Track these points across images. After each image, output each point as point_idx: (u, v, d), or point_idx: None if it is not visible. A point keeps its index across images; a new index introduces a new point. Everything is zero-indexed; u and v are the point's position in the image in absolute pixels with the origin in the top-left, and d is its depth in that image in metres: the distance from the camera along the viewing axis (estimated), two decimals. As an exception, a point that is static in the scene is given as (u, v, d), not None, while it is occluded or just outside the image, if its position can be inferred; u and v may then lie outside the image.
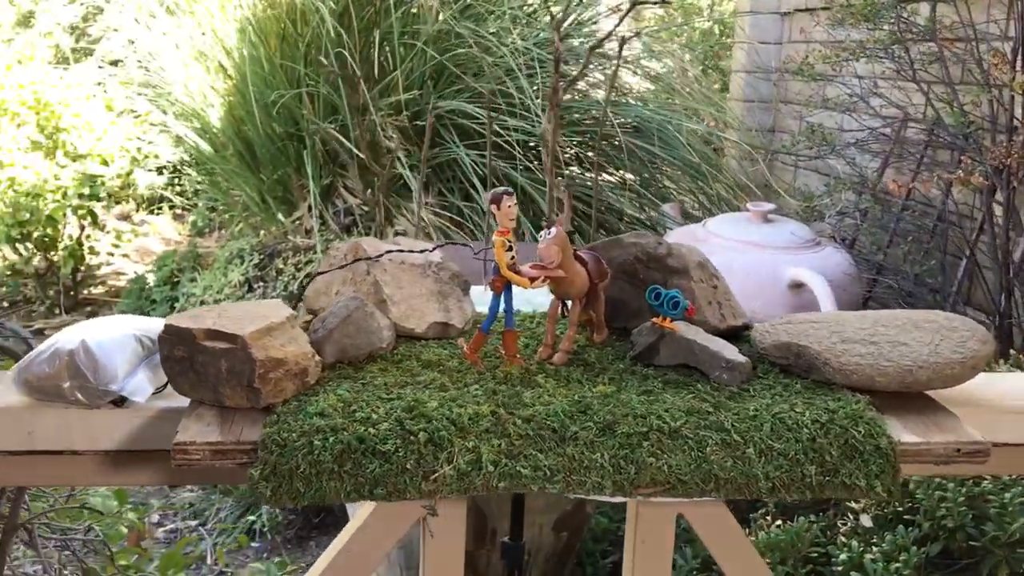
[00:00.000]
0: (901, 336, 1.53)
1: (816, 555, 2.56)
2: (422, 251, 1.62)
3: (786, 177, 5.38)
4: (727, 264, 3.85)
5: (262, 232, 4.81)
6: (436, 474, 1.25)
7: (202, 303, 4.59)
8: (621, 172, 4.90)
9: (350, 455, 1.25)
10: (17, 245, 4.57)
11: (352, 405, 1.33)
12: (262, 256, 4.66)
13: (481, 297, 1.61)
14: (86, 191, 4.65)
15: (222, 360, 1.31)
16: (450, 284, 1.66)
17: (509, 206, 1.44)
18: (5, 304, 4.82)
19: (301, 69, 4.45)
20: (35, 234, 4.59)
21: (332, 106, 4.57)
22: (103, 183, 4.70)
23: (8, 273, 4.82)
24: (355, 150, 3.98)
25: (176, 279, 4.79)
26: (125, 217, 6.01)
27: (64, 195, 4.61)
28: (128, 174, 4.93)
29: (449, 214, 4.61)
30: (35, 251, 4.68)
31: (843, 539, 2.48)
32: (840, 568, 2.42)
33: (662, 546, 1.50)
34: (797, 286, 3.72)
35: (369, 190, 4.64)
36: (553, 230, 1.46)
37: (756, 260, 3.84)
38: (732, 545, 1.51)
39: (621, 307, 1.69)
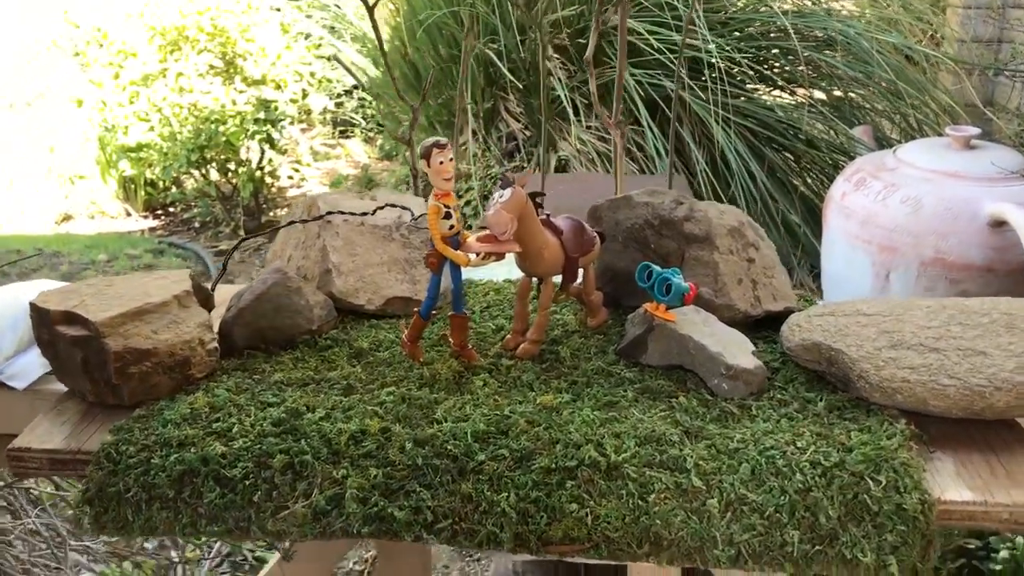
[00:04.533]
0: (981, 341, 1.08)
1: (973, 547, 2.12)
2: (363, 214, 1.30)
3: (1007, 97, 4.58)
4: (916, 198, 3.28)
5: (426, 158, 4.59)
6: (286, 512, 0.96)
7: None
8: (810, 90, 4.31)
9: (191, 479, 0.98)
10: (198, 169, 4.58)
11: (220, 411, 1.05)
12: (426, 183, 4.45)
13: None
14: (262, 115, 4.58)
15: (77, 349, 1.07)
16: (424, 249, 1.33)
17: (441, 162, 1.10)
18: (197, 224, 4.88)
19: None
20: (215, 158, 4.58)
21: (492, 27, 4.24)
22: (277, 108, 4.61)
23: (196, 196, 4.86)
24: (509, 73, 3.66)
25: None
26: (320, 137, 5.98)
27: (242, 120, 4.56)
28: (303, 97, 4.84)
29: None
30: (218, 175, 4.67)
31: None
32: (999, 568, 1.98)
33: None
34: (998, 224, 3.10)
35: (529, 114, 4.32)
36: (507, 191, 1.11)
37: (951, 193, 3.22)
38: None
39: (631, 282, 1.31)
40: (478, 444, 0.99)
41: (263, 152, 4.73)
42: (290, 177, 5.02)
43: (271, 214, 5.01)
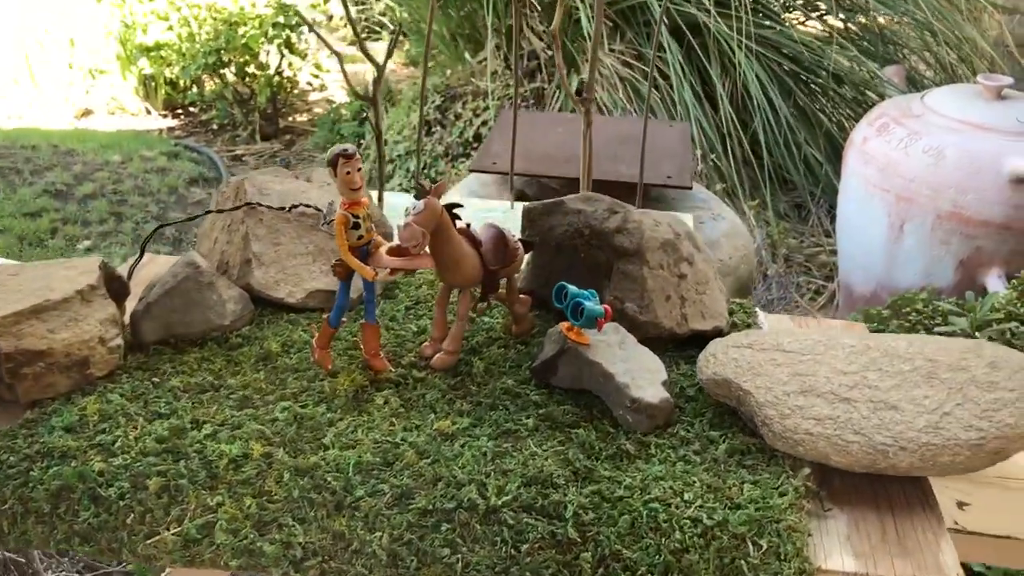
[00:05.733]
0: (896, 392, 1.03)
1: None
2: (291, 208, 1.26)
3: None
4: (939, 148, 3.16)
5: (448, 72, 4.49)
6: (156, 538, 0.95)
7: (384, 143, 4.40)
8: (843, 21, 4.13)
9: (68, 495, 0.97)
10: (216, 72, 4.53)
11: (108, 420, 1.04)
12: (444, 98, 4.36)
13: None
14: (281, 20, 4.49)
15: (-30, 348, 1.05)
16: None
17: (348, 172, 1.05)
18: (215, 126, 4.86)
19: None
20: (234, 61, 4.52)
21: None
22: (295, 12, 4.52)
23: (214, 98, 4.82)
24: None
25: (366, 115, 4.60)
26: (344, 40, 5.87)
27: (261, 23, 4.48)
28: (325, 1, 4.73)
29: (641, 65, 4.09)
30: (235, 78, 4.62)
31: None
32: None
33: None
34: (1020, 181, 2.98)
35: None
36: (420, 203, 1.07)
37: (975, 146, 3.10)
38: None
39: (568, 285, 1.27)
40: (359, 477, 0.97)
41: (282, 56, 4.65)
42: (309, 83, 4.95)
43: (289, 119, 4.97)
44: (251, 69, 4.57)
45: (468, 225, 1.15)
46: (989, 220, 3.08)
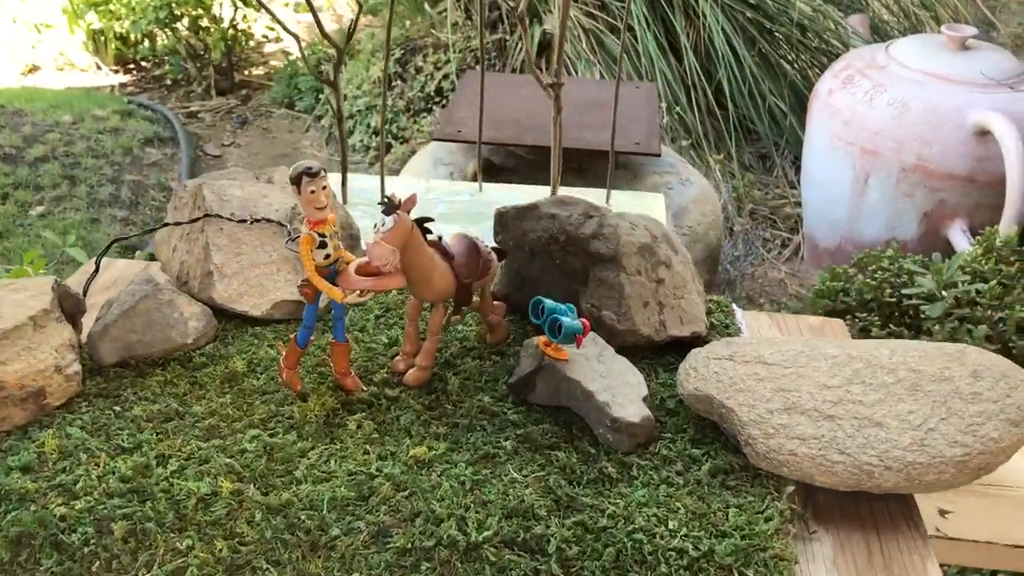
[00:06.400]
0: (880, 408, 1.01)
1: None
2: (241, 221, 1.20)
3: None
4: (903, 100, 3.13)
5: (407, 23, 4.37)
6: (124, 585, 0.91)
7: (344, 97, 4.29)
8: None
9: (28, 542, 0.93)
10: (168, 26, 4.37)
11: (68, 458, 0.99)
12: (404, 51, 4.25)
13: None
14: (234, -30, 4.34)
15: (-80, 383, 1.00)
16: (318, 245, 1.24)
17: (312, 191, 1.00)
18: (168, 81, 4.71)
19: None
20: (186, 14, 4.37)
21: None
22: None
23: (166, 52, 4.67)
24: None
25: (324, 68, 4.48)
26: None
27: (213, -26, 4.33)
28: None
29: (604, 16, 4.00)
30: (188, 32, 4.47)
31: None
32: None
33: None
34: (983, 133, 2.96)
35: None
36: (389, 220, 1.01)
37: (939, 97, 3.08)
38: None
39: (541, 289, 1.23)
40: (334, 514, 0.94)
41: (236, 8, 4.51)
42: (265, 36, 4.81)
43: (245, 72, 4.83)
44: (204, 22, 4.42)
45: (440, 238, 1.10)
46: (953, 173, 3.07)
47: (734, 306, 1.31)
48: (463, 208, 1.76)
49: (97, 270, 1.25)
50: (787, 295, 3.36)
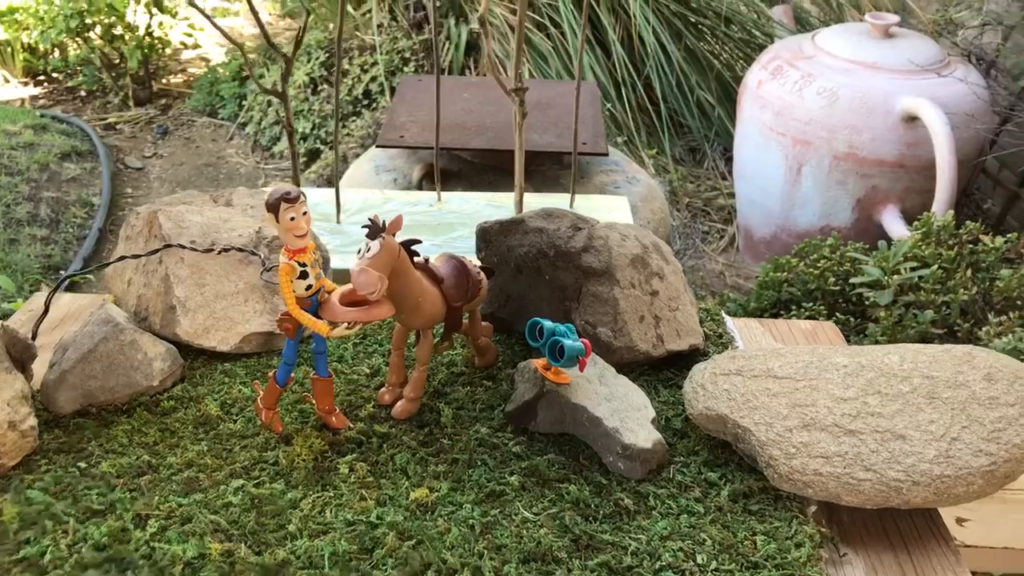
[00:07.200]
0: (901, 419, 0.95)
1: None
2: (222, 251, 1.10)
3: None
4: (833, 89, 3.12)
5: (330, 25, 4.24)
6: (108, 668, 0.81)
7: (268, 104, 4.14)
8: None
9: (-5, 626, 0.82)
10: (80, 36, 4.16)
11: (31, 527, 0.88)
12: (329, 54, 4.12)
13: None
14: (148, -24, 4.15)
15: None
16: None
17: (292, 217, 0.90)
18: (83, 93, 4.49)
19: None
20: (99, 23, 4.16)
21: None
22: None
23: (79, 63, 4.45)
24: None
25: (246, 74, 4.32)
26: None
27: (125, -19, 4.13)
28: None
29: (532, 14, 3.92)
30: (102, 42, 4.26)
31: None
32: None
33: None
34: (911, 119, 2.98)
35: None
36: (375, 244, 0.92)
37: (867, 85, 3.08)
38: None
39: (528, 307, 1.16)
40: (337, 571, 0.84)
41: (151, 15, 4.32)
42: (183, 43, 4.62)
43: (163, 81, 4.64)
44: (118, 31, 4.22)
45: (426, 260, 1.01)
46: (883, 159, 3.08)
47: (724, 314, 1.24)
48: (423, 219, 1.67)
49: (47, 311, 1.12)
50: (726, 287, 3.34)
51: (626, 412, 0.99)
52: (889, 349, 1.05)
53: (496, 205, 1.69)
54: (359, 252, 0.93)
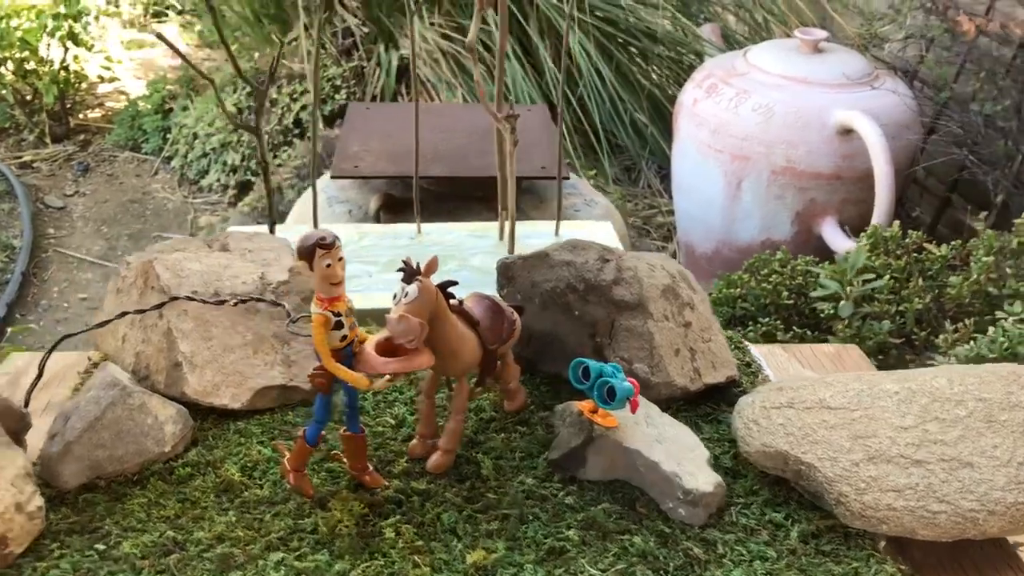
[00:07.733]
0: (964, 445, 0.91)
1: None
2: (219, 302, 1.01)
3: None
4: (768, 104, 3.13)
5: (256, 55, 4.12)
6: None
7: (194, 136, 3.99)
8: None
9: None
10: (-9, 72, 3.96)
11: (55, 623, 0.77)
12: (257, 83, 3.98)
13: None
14: (62, 10, 3.97)
15: None
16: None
17: (328, 264, 0.82)
18: (-6, 131, 4.27)
19: None
20: (10, 58, 3.96)
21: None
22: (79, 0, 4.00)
23: (-10, 102, 4.23)
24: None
25: (169, 107, 4.16)
26: (132, 25, 5.30)
27: (38, 15, 3.94)
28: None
29: (461, 37, 3.87)
30: (14, 77, 4.06)
31: None
32: None
33: None
34: (846, 132, 3.00)
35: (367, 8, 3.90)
36: (412, 287, 0.85)
37: (801, 100, 3.10)
38: None
39: (553, 344, 1.09)
40: (403, 650, 0.76)
41: (66, 49, 4.13)
42: (100, 77, 4.44)
43: (80, 116, 4.44)
44: (31, 65, 4.02)
45: (461, 302, 0.94)
46: (820, 172, 3.11)
47: (746, 342, 1.20)
48: (407, 253, 1.58)
49: (40, 375, 1.01)
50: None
51: (681, 454, 0.93)
52: (935, 372, 1.01)
53: (479, 235, 1.62)
54: (395, 297, 0.86)
